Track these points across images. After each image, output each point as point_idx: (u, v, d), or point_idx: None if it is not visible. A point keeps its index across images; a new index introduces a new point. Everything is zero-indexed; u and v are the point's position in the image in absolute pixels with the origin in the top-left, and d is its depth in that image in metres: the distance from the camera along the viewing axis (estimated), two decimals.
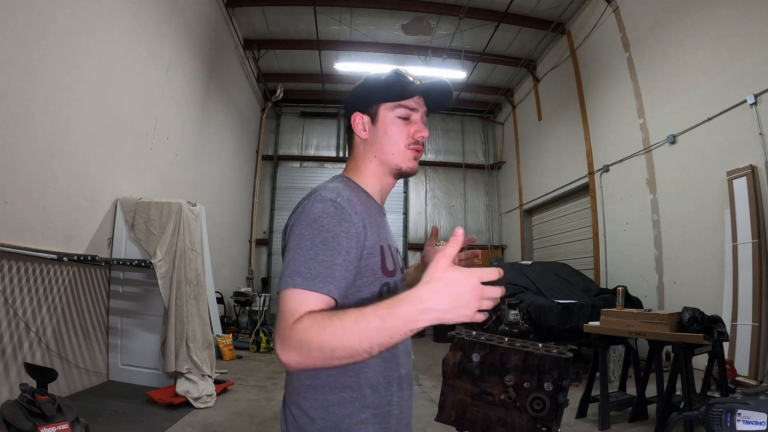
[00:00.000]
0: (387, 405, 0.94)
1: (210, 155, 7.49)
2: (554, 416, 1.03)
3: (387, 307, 0.69)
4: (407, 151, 1.00)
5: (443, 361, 1.21)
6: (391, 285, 0.95)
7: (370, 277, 0.90)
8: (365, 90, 1.02)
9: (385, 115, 1.00)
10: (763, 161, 4.35)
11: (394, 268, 0.97)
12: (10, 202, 3.12)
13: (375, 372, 0.92)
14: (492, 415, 1.10)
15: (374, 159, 1.02)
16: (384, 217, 1.06)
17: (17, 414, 2.20)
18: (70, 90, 3.75)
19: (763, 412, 0.95)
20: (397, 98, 0.98)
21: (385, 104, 0.99)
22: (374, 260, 0.91)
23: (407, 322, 0.68)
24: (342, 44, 9.00)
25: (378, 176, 1.03)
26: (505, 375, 1.11)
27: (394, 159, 1.00)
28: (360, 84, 1.05)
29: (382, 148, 1.00)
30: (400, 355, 0.99)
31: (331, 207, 0.86)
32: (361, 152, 1.03)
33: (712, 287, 4.81)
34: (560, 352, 1.09)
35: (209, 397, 3.86)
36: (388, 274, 0.94)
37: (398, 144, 0.99)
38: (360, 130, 1.02)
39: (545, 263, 6.84)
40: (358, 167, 1.04)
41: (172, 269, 4.03)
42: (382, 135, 1.00)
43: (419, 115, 1.01)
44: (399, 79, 0.98)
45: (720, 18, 4.93)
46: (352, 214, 0.87)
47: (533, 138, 9.85)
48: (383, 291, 0.92)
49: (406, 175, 1.04)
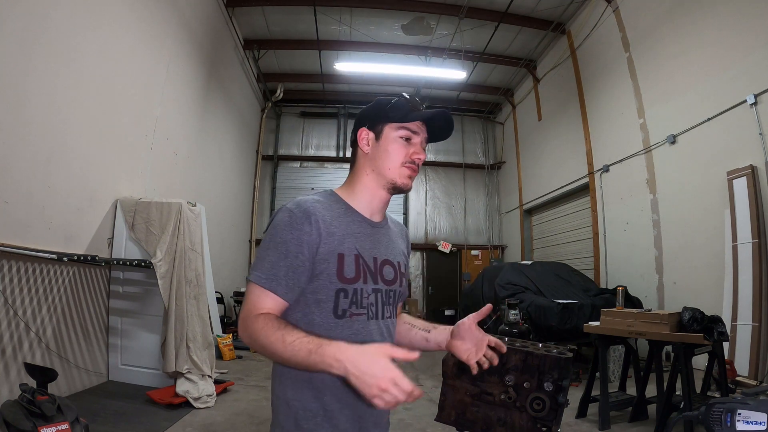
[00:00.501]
0: (337, 402, 0.98)
1: (210, 155, 7.49)
2: (554, 416, 1.03)
3: (318, 345, 0.85)
4: (403, 168, 1.08)
5: (443, 361, 1.21)
6: (349, 293, 1.00)
7: (325, 281, 0.99)
8: (374, 109, 1.12)
9: (389, 134, 1.09)
10: (763, 161, 4.36)
11: (357, 275, 1.02)
12: (10, 202, 3.12)
13: None
14: (492, 415, 1.10)
15: (371, 172, 1.10)
16: (373, 228, 1.10)
17: (17, 414, 2.21)
18: (70, 90, 3.75)
19: (763, 412, 0.95)
20: (401, 119, 1.08)
21: (390, 124, 1.09)
22: (328, 266, 0.99)
23: (323, 362, 0.84)
24: (342, 44, 9.00)
25: (371, 190, 1.11)
26: (505, 375, 1.11)
27: (390, 174, 1.08)
28: (371, 104, 1.14)
29: (381, 162, 1.08)
30: None
31: (286, 216, 0.99)
32: (361, 165, 1.12)
33: (712, 287, 4.81)
34: (560, 352, 1.09)
35: (209, 397, 3.86)
36: (346, 281, 1.00)
37: (395, 160, 1.08)
38: (364, 144, 1.11)
39: (545, 263, 6.83)
40: (352, 181, 1.13)
41: (172, 269, 4.03)
42: (383, 151, 1.08)
43: (419, 139, 1.10)
44: (405, 103, 1.08)
45: (720, 18, 4.93)
46: (305, 223, 0.98)
47: (533, 138, 9.85)
48: (340, 296, 1.00)
49: (400, 190, 1.11)
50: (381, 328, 1.05)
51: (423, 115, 1.08)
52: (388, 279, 1.09)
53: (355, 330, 1.00)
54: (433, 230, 11.47)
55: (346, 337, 0.97)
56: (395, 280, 1.11)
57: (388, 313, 1.09)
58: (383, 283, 1.07)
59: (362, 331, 1.01)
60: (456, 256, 11.36)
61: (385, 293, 1.07)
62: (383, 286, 1.07)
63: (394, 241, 1.16)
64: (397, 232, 1.21)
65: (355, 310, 1.01)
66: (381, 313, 1.06)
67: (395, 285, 1.11)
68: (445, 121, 1.11)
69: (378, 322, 1.05)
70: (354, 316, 1.01)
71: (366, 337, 1.01)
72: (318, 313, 0.99)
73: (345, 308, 1.00)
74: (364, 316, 1.02)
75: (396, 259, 1.13)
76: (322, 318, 0.99)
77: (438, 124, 1.11)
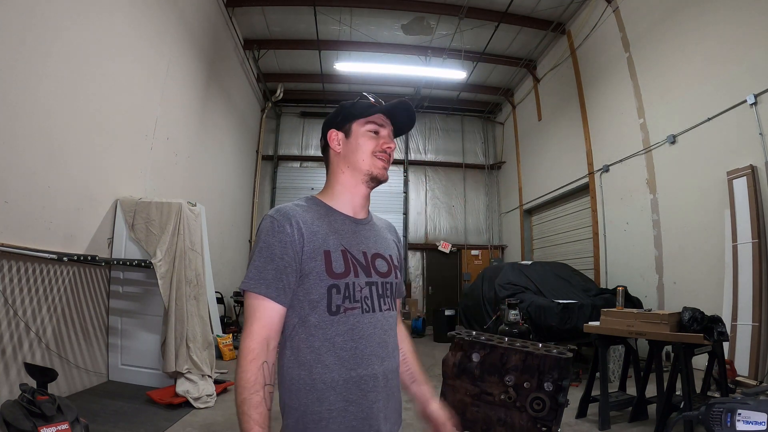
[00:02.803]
0: (342, 401, 0.98)
1: (210, 155, 7.49)
2: (554, 416, 1.03)
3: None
4: (375, 159, 1.13)
5: (443, 361, 1.21)
6: (341, 288, 1.01)
7: (315, 279, 1.00)
8: (339, 112, 1.17)
9: (357, 130, 1.14)
10: (763, 161, 4.35)
11: (346, 270, 1.04)
12: (10, 202, 3.12)
13: (329, 370, 0.99)
14: (492, 415, 1.10)
15: (346, 170, 1.14)
16: (358, 225, 1.13)
17: (17, 414, 2.20)
18: (70, 90, 3.75)
19: (763, 412, 0.95)
20: (366, 114, 1.14)
21: (357, 121, 1.14)
22: (316, 264, 1.01)
23: None
24: (342, 44, 8.99)
25: (350, 188, 1.14)
26: (505, 375, 1.11)
27: (364, 165, 1.13)
28: (335, 109, 1.19)
29: (354, 157, 1.13)
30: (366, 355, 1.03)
31: (268, 222, 1.03)
32: (336, 165, 1.16)
33: (712, 287, 4.81)
34: (560, 352, 1.09)
35: (209, 397, 3.86)
36: (336, 276, 1.02)
37: (366, 151, 1.13)
38: (335, 144, 1.16)
39: (545, 263, 6.83)
40: (330, 183, 1.16)
41: (172, 269, 4.03)
42: (354, 146, 1.14)
43: (387, 131, 1.16)
44: (365, 99, 1.16)
45: (720, 18, 4.92)
46: (286, 225, 1.01)
47: (533, 138, 9.85)
48: (332, 293, 1.00)
49: (377, 180, 1.15)
50: (377, 321, 1.05)
51: (384, 108, 1.15)
52: (381, 271, 1.10)
53: (350, 325, 1.01)
54: (433, 230, 11.47)
55: (343, 333, 0.99)
56: (390, 272, 1.12)
57: (386, 305, 1.09)
58: (378, 276, 1.08)
59: (357, 326, 1.02)
60: (456, 256, 11.36)
61: (380, 285, 1.08)
62: (378, 278, 1.08)
63: (382, 236, 1.18)
64: (383, 227, 1.23)
65: (349, 305, 1.02)
66: (378, 306, 1.06)
67: (390, 277, 1.12)
68: (406, 111, 1.17)
69: (374, 315, 1.05)
70: (348, 311, 1.01)
71: (362, 331, 1.02)
72: (313, 313, 1.00)
73: (339, 304, 1.01)
74: (358, 310, 1.03)
75: (387, 252, 1.15)
76: (318, 318, 1.00)
77: (400, 117, 1.17)
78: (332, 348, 0.98)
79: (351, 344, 1.00)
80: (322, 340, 0.99)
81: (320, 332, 0.98)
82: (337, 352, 0.99)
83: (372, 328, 1.03)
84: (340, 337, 0.99)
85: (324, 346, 0.98)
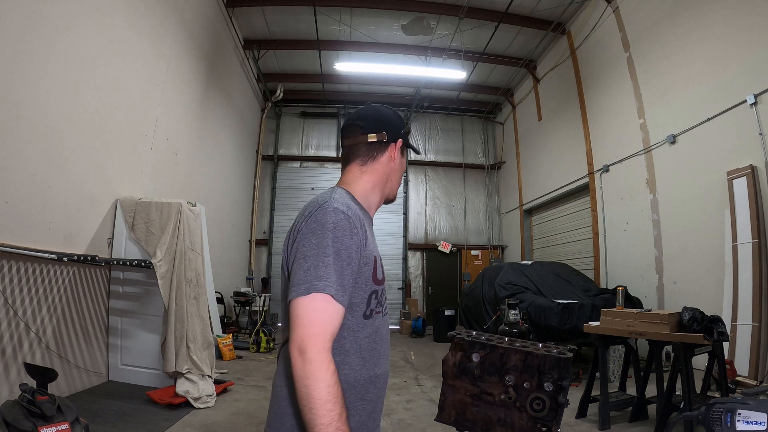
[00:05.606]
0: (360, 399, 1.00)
1: (210, 155, 7.49)
2: (554, 416, 1.03)
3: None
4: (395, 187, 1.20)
5: (443, 361, 1.21)
6: (378, 293, 1.04)
7: (362, 284, 0.99)
8: (399, 123, 1.18)
9: (402, 157, 1.19)
10: (763, 161, 4.36)
11: (383, 277, 1.06)
12: (10, 202, 3.12)
13: (354, 371, 0.98)
14: (492, 415, 1.10)
15: (380, 182, 1.15)
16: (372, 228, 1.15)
17: (17, 414, 2.20)
18: (70, 90, 3.75)
19: (763, 412, 0.95)
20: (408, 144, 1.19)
21: (404, 144, 1.18)
22: (368, 269, 1.00)
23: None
24: (342, 44, 9.00)
25: (366, 194, 1.14)
26: (505, 375, 1.11)
27: (392, 192, 1.18)
28: (393, 114, 1.19)
29: (392, 179, 1.17)
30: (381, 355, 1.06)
31: (344, 220, 0.95)
32: (379, 171, 1.15)
33: (712, 287, 4.81)
34: (560, 352, 1.09)
35: (209, 397, 3.86)
36: (378, 282, 1.03)
37: (399, 182, 1.19)
38: (392, 154, 1.16)
39: (545, 263, 6.83)
40: (358, 179, 1.13)
41: (172, 269, 4.03)
42: (398, 169, 1.17)
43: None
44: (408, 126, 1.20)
45: (720, 18, 4.93)
46: (359, 227, 0.98)
47: (533, 138, 9.85)
48: (371, 298, 1.01)
49: (387, 203, 1.21)
50: (387, 323, 1.11)
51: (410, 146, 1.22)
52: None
53: (375, 327, 1.04)
54: (433, 230, 11.47)
55: (369, 335, 1.01)
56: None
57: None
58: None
59: (380, 328, 1.05)
60: (456, 256, 11.36)
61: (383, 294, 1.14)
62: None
63: None
64: None
65: (377, 308, 1.04)
66: (386, 308, 1.11)
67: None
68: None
69: (385, 318, 1.10)
70: (375, 314, 1.04)
71: (381, 333, 1.06)
72: (349, 316, 0.97)
73: (372, 308, 1.02)
74: (381, 313, 1.06)
75: None
76: (352, 321, 0.99)
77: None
78: (359, 350, 0.99)
79: (373, 345, 1.02)
80: (352, 342, 0.99)
81: (351, 335, 0.98)
82: (362, 354, 1.00)
83: (385, 329, 1.09)
84: (366, 339, 1.01)
85: (353, 348, 0.99)
